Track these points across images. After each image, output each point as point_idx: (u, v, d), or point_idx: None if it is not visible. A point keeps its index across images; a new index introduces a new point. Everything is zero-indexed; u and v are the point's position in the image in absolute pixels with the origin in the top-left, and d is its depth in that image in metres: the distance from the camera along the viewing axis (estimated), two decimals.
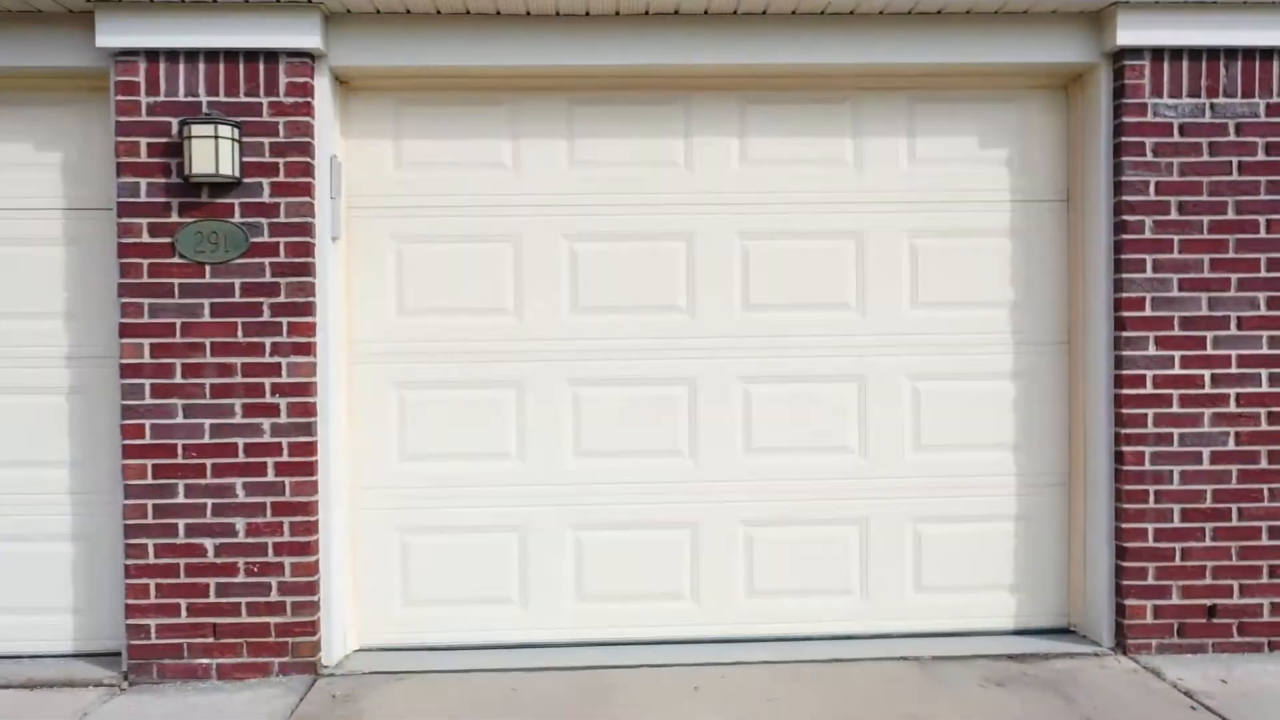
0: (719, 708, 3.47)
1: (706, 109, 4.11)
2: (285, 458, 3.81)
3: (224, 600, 3.81)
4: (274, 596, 3.82)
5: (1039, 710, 3.43)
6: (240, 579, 3.81)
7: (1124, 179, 3.91)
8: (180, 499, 3.79)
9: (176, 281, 3.77)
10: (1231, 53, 3.91)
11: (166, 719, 3.47)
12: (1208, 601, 3.94)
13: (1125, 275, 3.91)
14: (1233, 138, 3.91)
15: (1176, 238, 3.91)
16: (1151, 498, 3.92)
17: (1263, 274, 3.92)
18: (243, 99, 3.78)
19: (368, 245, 4.07)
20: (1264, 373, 3.93)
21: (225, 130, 3.69)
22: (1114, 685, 3.64)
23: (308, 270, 3.81)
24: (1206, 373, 3.93)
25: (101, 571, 4.02)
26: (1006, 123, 4.16)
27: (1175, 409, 3.92)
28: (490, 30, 3.87)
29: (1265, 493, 3.93)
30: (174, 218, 3.77)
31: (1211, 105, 3.92)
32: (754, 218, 4.12)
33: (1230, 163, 3.91)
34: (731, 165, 4.12)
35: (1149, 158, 3.91)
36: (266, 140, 3.78)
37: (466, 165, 4.08)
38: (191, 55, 3.76)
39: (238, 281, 3.78)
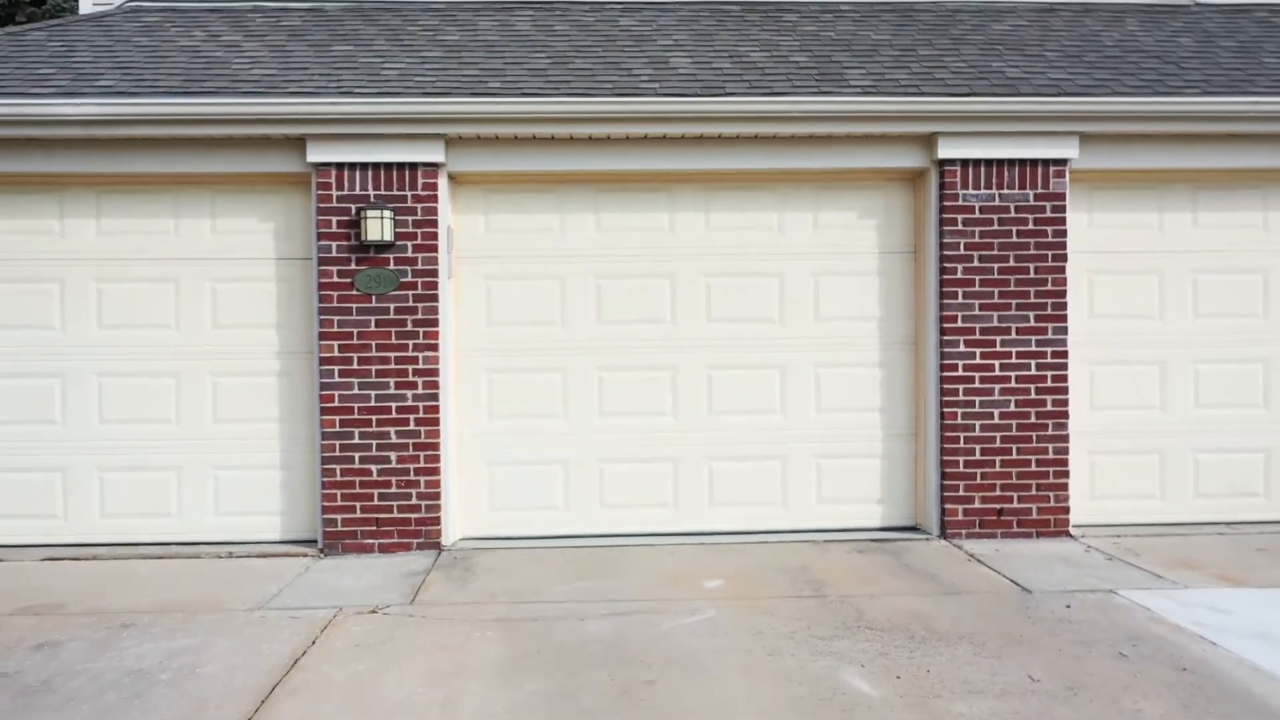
0: (688, 560, 5.81)
1: (684, 195, 6.43)
2: (420, 415, 6.13)
3: (382, 503, 6.13)
4: (413, 501, 6.14)
5: (878, 562, 5.76)
6: (393, 490, 6.13)
7: (945, 240, 6.22)
8: (356, 440, 6.12)
9: (354, 305, 6.10)
10: (1013, 162, 6.23)
11: (359, 569, 5.79)
12: (998, 506, 6.26)
13: (945, 300, 6.23)
14: (1013, 214, 6.24)
15: (978, 278, 6.23)
16: (962, 441, 6.24)
17: (1031, 300, 6.24)
18: (395, 193, 6.10)
19: (468, 282, 6.39)
20: (1033, 363, 6.25)
21: (386, 213, 6.02)
22: (929, 552, 5.97)
23: (434, 299, 6.13)
24: (997, 362, 6.25)
25: (298, 488, 6.34)
26: (876, 203, 6.48)
27: (977, 385, 6.24)
28: (549, 148, 6.19)
29: (1034, 438, 6.26)
30: (353, 266, 6.10)
31: (1000, 194, 6.23)
32: (714, 263, 6.44)
33: (1011, 230, 6.23)
34: (699, 230, 6.45)
35: (960, 227, 6.22)
36: (409, 218, 6.11)
37: (531, 231, 6.41)
38: (364, 166, 6.09)
39: (392, 305, 6.11)
